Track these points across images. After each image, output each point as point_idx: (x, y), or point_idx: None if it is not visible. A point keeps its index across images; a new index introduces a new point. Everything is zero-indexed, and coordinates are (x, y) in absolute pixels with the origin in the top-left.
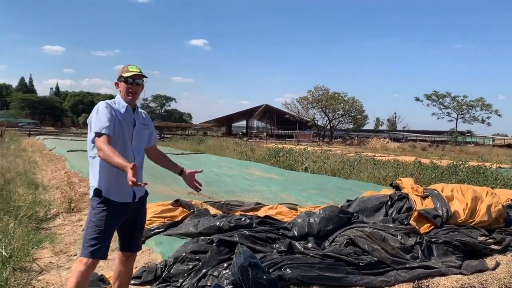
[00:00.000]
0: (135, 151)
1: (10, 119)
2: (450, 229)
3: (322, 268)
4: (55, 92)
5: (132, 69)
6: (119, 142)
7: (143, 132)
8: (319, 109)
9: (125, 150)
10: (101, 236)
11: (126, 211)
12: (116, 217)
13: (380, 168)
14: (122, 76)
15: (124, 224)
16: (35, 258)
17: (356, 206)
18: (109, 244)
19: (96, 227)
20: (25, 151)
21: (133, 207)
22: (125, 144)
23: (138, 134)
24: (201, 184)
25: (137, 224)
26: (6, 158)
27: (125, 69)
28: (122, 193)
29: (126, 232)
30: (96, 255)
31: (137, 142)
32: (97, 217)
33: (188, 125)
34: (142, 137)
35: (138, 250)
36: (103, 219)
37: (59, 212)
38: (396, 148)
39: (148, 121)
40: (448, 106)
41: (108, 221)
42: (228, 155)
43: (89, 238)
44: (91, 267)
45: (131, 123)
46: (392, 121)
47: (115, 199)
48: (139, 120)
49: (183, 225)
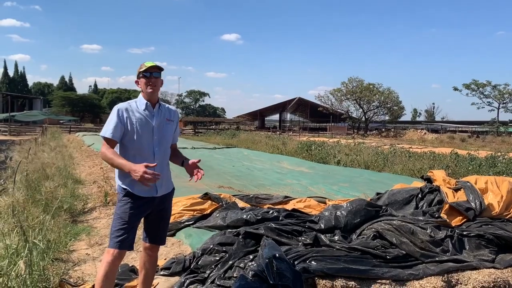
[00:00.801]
0: (156, 145)
1: (52, 116)
2: (483, 222)
3: (348, 261)
4: (93, 90)
5: (148, 64)
6: (136, 140)
7: (166, 127)
8: (353, 101)
9: (144, 146)
10: (125, 228)
11: (150, 205)
12: (139, 209)
13: (415, 160)
14: (140, 73)
15: (149, 218)
16: (72, 250)
17: (385, 199)
18: (135, 236)
19: (121, 219)
20: (65, 147)
21: (157, 202)
22: (145, 140)
23: (160, 129)
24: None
25: (161, 219)
26: (48, 154)
27: (141, 66)
28: (144, 188)
29: (151, 226)
30: (121, 245)
31: (159, 137)
32: (122, 210)
33: (222, 120)
34: (166, 132)
35: (162, 244)
36: (127, 211)
37: (96, 206)
38: (434, 140)
39: (175, 117)
40: (489, 96)
41: (132, 213)
42: (260, 149)
43: (114, 230)
44: (118, 258)
45: (151, 119)
46: (430, 112)
47: (138, 193)
48: (162, 116)
49: (212, 218)
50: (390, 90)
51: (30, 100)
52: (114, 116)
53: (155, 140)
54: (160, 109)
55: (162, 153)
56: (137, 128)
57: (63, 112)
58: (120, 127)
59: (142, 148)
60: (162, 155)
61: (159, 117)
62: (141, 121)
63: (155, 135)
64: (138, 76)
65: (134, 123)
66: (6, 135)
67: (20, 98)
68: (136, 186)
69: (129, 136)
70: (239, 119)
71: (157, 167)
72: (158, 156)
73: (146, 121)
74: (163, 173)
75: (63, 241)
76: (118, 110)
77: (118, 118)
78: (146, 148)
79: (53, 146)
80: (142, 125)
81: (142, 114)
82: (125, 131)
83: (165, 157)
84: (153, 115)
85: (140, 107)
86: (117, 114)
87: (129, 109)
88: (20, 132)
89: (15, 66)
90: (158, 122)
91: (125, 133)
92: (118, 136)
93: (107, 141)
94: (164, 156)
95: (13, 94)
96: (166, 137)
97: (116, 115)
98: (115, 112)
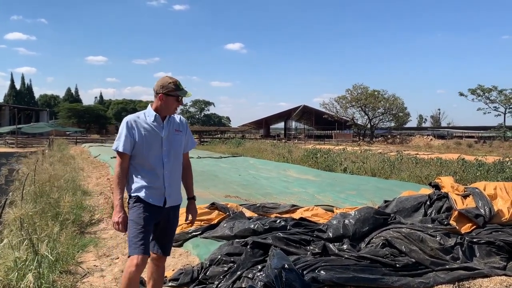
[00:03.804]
0: (165, 157)
1: (58, 128)
2: (493, 229)
3: (357, 270)
4: (99, 101)
5: (188, 93)
6: (144, 152)
7: (176, 138)
8: (358, 108)
9: (153, 157)
10: (143, 231)
11: (159, 214)
12: (151, 215)
13: (422, 167)
14: (172, 91)
15: (157, 228)
16: (80, 262)
17: (393, 206)
18: (149, 240)
19: (137, 224)
20: (73, 158)
21: (164, 212)
22: (154, 151)
23: (169, 141)
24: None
25: (167, 230)
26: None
27: (170, 83)
28: (154, 196)
29: (159, 236)
30: (145, 250)
31: (168, 148)
32: (135, 215)
33: (227, 129)
34: (176, 143)
35: (166, 255)
36: (141, 215)
37: (103, 217)
38: (440, 146)
39: (183, 127)
40: (495, 100)
41: (146, 217)
42: (266, 157)
43: (132, 236)
44: (141, 264)
45: (160, 130)
46: (436, 118)
47: (147, 200)
48: (172, 127)
49: (219, 228)
50: (395, 96)
51: (36, 112)
52: (124, 129)
53: (164, 152)
54: (169, 120)
55: (171, 164)
56: (146, 139)
57: (69, 124)
58: (130, 140)
59: (151, 159)
60: (172, 166)
61: (168, 128)
62: (149, 133)
63: (164, 146)
64: (166, 92)
65: (143, 134)
66: (13, 147)
67: (27, 111)
68: (146, 194)
69: (138, 148)
70: (244, 127)
71: (166, 178)
72: (167, 166)
73: (155, 133)
74: (173, 185)
75: (71, 253)
76: (127, 123)
77: (127, 131)
78: (155, 160)
79: (59, 158)
80: (150, 137)
81: (151, 126)
82: (134, 143)
83: (175, 168)
84: (162, 126)
85: (149, 119)
86: (126, 127)
87: (137, 121)
88: (27, 144)
89: (22, 79)
90: (167, 133)
91: (135, 145)
92: (129, 149)
93: (120, 155)
94: (173, 167)
95: (20, 107)
96: (176, 148)
97: (125, 128)
98: (124, 125)
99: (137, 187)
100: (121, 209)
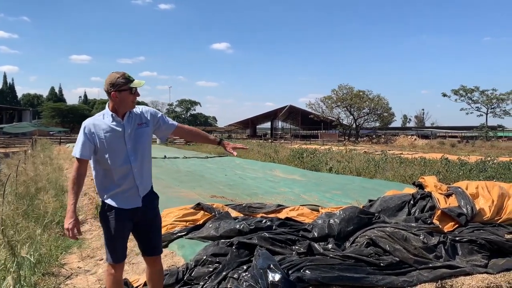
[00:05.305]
0: (131, 154)
1: (42, 128)
2: (475, 227)
3: (342, 269)
4: (83, 100)
5: (139, 82)
6: (108, 154)
7: (139, 132)
8: (343, 108)
9: (118, 158)
10: (113, 240)
11: (135, 215)
12: (125, 221)
13: (407, 166)
14: (124, 85)
15: (139, 229)
16: (63, 263)
17: (378, 206)
18: (125, 246)
19: (108, 233)
20: (55, 159)
21: (142, 211)
22: (119, 152)
23: (133, 137)
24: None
25: (152, 228)
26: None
27: (124, 78)
28: (128, 201)
29: (143, 237)
30: (114, 258)
31: (132, 145)
32: (106, 224)
33: (213, 128)
34: (140, 138)
35: (159, 253)
36: (113, 224)
37: (87, 218)
38: (424, 145)
39: (146, 118)
40: (477, 101)
41: (116, 226)
42: (252, 157)
43: (105, 244)
44: (118, 269)
45: (121, 129)
46: (420, 118)
47: (121, 207)
48: (133, 122)
49: (205, 229)
50: (380, 97)
51: (19, 111)
52: (81, 134)
53: (129, 149)
54: (130, 116)
55: (139, 160)
56: (107, 141)
57: (53, 124)
58: (89, 145)
59: (117, 160)
60: (140, 161)
61: (130, 125)
62: (110, 134)
63: (127, 144)
64: (117, 89)
65: (102, 137)
66: None
67: (9, 110)
68: (118, 199)
69: (101, 151)
70: (231, 127)
71: (137, 176)
72: (135, 164)
73: (116, 133)
74: (143, 178)
75: (54, 254)
76: (84, 128)
77: (85, 136)
78: (121, 160)
79: (42, 158)
80: (111, 138)
81: (110, 126)
82: (95, 148)
83: (143, 162)
84: (123, 124)
85: (107, 120)
86: (84, 132)
87: (96, 124)
88: (9, 145)
89: (4, 77)
90: (129, 130)
91: (96, 150)
92: (87, 154)
93: (78, 160)
94: (142, 161)
95: (2, 106)
96: (142, 142)
97: (83, 134)
98: (82, 130)
99: (109, 194)
100: (73, 214)
